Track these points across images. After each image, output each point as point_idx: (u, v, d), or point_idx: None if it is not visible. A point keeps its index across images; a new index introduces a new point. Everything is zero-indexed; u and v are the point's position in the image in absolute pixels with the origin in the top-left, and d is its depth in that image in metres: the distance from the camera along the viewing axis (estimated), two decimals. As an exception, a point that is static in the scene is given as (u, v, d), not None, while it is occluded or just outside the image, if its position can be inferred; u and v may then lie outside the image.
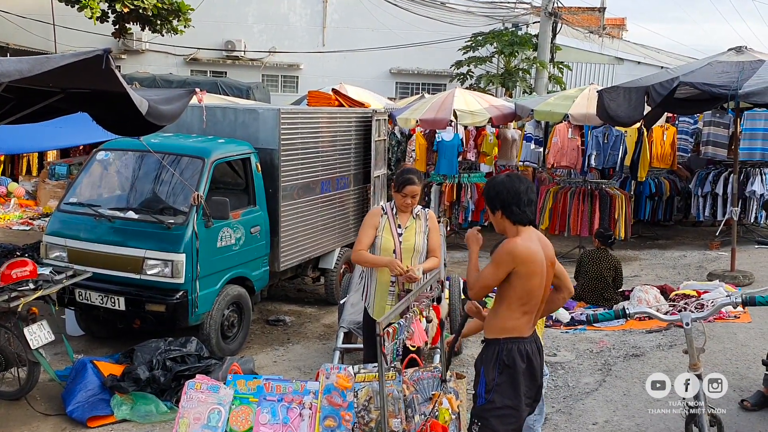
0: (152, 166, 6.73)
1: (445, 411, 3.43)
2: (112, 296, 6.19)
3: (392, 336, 3.00)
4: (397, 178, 4.83)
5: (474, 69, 20.98)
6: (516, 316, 3.48)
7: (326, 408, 4.46)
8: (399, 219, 4.79)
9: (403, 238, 4.75)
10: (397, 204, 4.80)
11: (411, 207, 4.79)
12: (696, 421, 3.34)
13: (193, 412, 4.63)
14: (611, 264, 8.47)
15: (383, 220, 4.78)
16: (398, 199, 4.78)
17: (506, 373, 3.46)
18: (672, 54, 25.62)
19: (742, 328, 7.08)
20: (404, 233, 4.76)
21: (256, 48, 24.46)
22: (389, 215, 4.80)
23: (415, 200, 4.79)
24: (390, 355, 3.04)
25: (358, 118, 8.87)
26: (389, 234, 4.74)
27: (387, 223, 4.76)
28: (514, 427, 3.52)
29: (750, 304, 3.73)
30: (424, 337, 3.42)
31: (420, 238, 4.77)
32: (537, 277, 3.47)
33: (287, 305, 8.67)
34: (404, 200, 4.74)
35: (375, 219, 4.81)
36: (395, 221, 4.78)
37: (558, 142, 11.62)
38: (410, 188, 4.71)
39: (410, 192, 4.72)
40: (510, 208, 3.48)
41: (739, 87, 7.91)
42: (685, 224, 13.89)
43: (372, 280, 4.82)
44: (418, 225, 4.81)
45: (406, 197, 4.73)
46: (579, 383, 5.76)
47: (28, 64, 3.73)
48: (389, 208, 4.84)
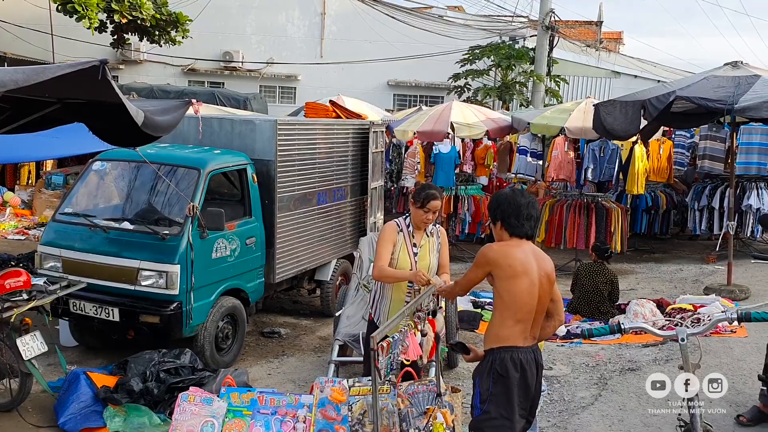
0: (148, 177, 6.71)
1: (439, 425, 3.41)
2: (107, 307, 6.16)
3: (386, 350, 2.98)
4: (419, 193, 4.73)
5: (471, 82, 21.08)
6: (509, 325, 3.52)
7: (320, 422, 4.45)
8: (415, 237, 4.72)
9: (419, 257, 4.69)
10: (416, 220, 4.70)
11: (429, 224, 4.72)
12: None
13: (186, 424, 4.62)
14: (607, 277, 8.46)
15: (400, 238, 4.69)
16: (418, 215, 4.67)
17: (500, 383, 3.48)
18: (668, 68, 25.75)
19: (739, 343, 7.07)
20: (419, 252, 4.70)
21: (254, 59, 24.52)
22: (405, 233, 4.71)
23: (435, 216, 4.72)
24: (384, 369, 3.01)
25: (355, 129, 8.87)
26: (405, 253, 4.67)
27: (403, 242, 4.68)
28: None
29: (746, 320, 3.72)
30: (418, 351, 3.41)
31: (433, 257, 4.73)
32: (521, 281, 3.50)
33: (282, 317, 8.64)
34: (425, 216, 4.65)
35: (393, 235, 4.70)
36: (411, 239, 4.70)
37: (558, 155, 11.66)
38: (434, 203, 4.63)
39: (433, 207, 4.64)
40: (509, 220, 3.59)
41: (736, 101, 7.93)
42: (682, 238, 13.89)
43: (385, 297, 4.75)
44: (432, 243, 4.75)
45: (428, 212, 4.64)
46: (575, 397, 5.73)
47: (24, 74, 3.73)
48: (405, 225, 4.74)
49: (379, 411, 2.75)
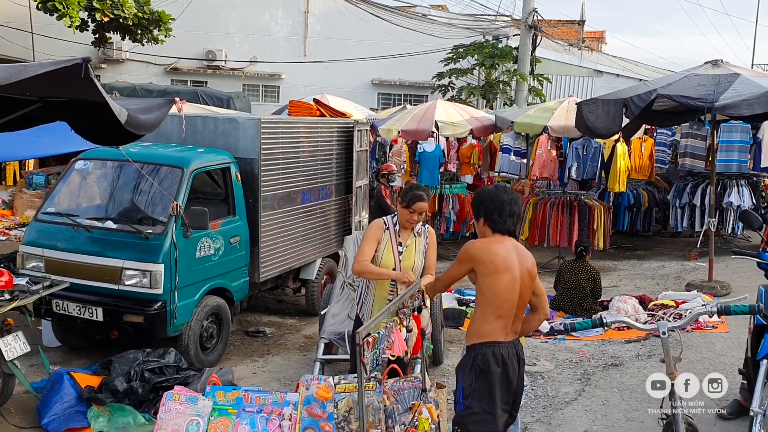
0: (131, 176, 6.67)
1: (424, 421, 3.43)
2: (90, 307, 6.11)
3: (372, 346, 3.00)
4: (406, 193, 4.74)
5: (455, 81, 21.14)
6: (490, 321, 3.56)
7: (306, 419, 4.44)
8: (401, 236, 4.72)
9: (403, 256, 4.69)
10: (402, 220, 4.71)
11: (416, 224, 4.72)
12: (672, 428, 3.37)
13: (171, 423, 4.59)
14: (590, 274, 8.54)
15: (385, 236, 4.69)
16: (404, 215, 4.68)
17: (482, 378, 3.52)
18: (650, 66, 25.97)
19: (720, 338, 7.16)
20: (404, 252, 4.70)
21: (237, 58, 24.42)
22: (391, 231, 4.71)
23: (422, 217, 4.73)
24: (369, 364, 3.03)
25: (339, 128, 8.87)
26: (390, 252, 4.67)
27: (389, 240, 4.68)
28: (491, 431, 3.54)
29: (725, 313, 3.78)
30: (403, 347, 3.43)
31: (419, 257, 4.73)
32: (502, 278, 3.54)
33: (267, 316, 8.62)
34: (411, 216, 4.66)
35: (378, 232, 4.70)
36: (397, 238, 4.70)
37: (543, 154, 11.74)
38: (420, 205, 4.64)
39: (419, 209, 4.65)
40: (492, 216, 3.62)
41: (716, 100, 8.03)
42: (664, 235, 14.03)
43: (369, 294, 4.77)
44: (418, 243, 4.75)
45: (414, 213, 4.65)
46: (558, 393, 5.78)
47: (6, 72, 3.69)
48: (391, 223, 4.74)
49: (364, 407, 2.77)
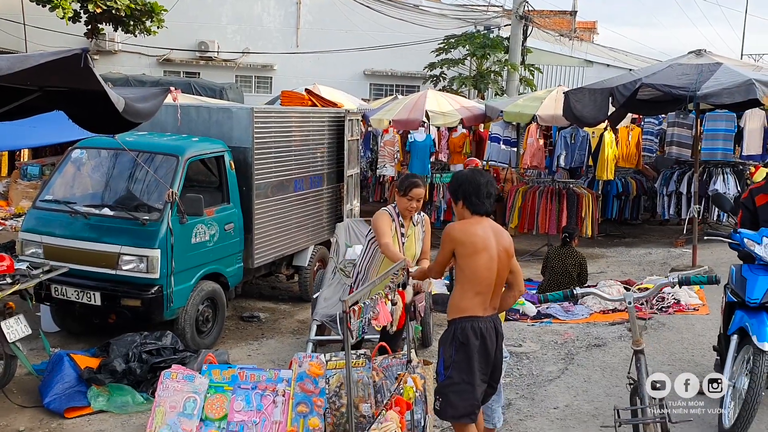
0: (127, 164, 6.82)
1: (409, 389, 3.63)
2: (88, 291, 6.28)
3: (358, 314, 3.21)
4: (402, 182, 4.92)
5: (447, 71, 21.28)
6: (469, 297, 3.76)
7: (299, 395, 4.64)
8: (404, 226, 4.92)
9: (406, 246, 4.91)
10: (401, 209, 4.90)
11: (414, 212, 4.90)
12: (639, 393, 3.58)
13: (169, 400, 4.78)
14: (576, 260, 8.75)
15: (393, 226, 4.89)
16: (402, 203, 4.87)
17: (462, 350, 3.73)
18: (640, 57, 26.17)
19: (701, 320, 7.38)
20: (407, 241, 4.92)
21: (229, 49, 24.49)
22: (396, 222, 4.91)
23: (419, 204, 4.91)
24: (356, 331, 3.24)
25: (331, 118, 9.03)
26: (396, 242, 4.87)
27: (395, 231, 4.89)
28: (470, 401, 3.79)
29: (686, 284, 4.00)
30: (388, 318, 3.63)
31: (418, 246, 4.95)
32: (480, 257, 3.74)
33: (261, 302, 8.81)
34: (409, 204, 4.85)
35: (390, 222, 4.89)
36: (400, 229, 4.90)
37: (533, 143, 11.93)
38: (417, 191, 4.83)
39: (416, 195, 4.84)
40: (470, 199, 3.81)
41: (698, 89, 8.22)
42: (652, 223, 14.23)
43: (368, 278, 4.98)
44: (417, 232, 4.96)
45: (412, 200, 4.84)
46: (543, 371, 5.98)
47: (8, 62, 3.85)
48: (395, 214, 4.94)
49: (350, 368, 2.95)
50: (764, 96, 8.08)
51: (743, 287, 4.71)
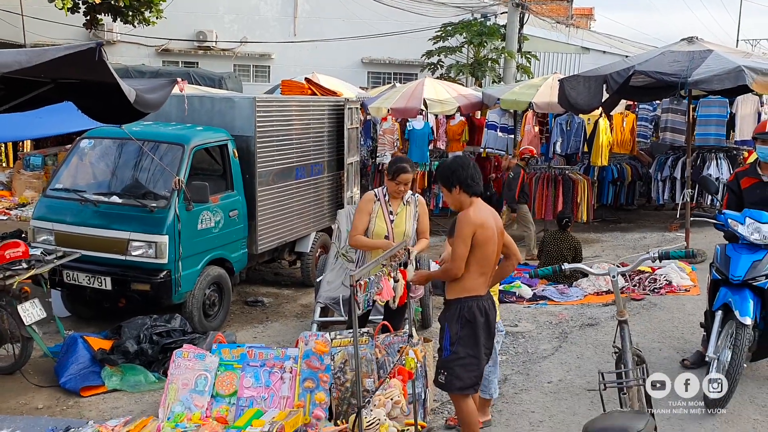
0: (134, 153, 7.02)
1: (411, 360, 3.86)
2: (99, 276, 6.51)
3: (364, 288, 3.43)
4: (390, 166, 5.16)
5: (444, 59, 21.41)
6: (474, 278, 3.98)
7: (305, 371, 4.87)
8: (391, 205, 5.14)
9: (395, 224, 5.11)
10: (390, 191, 5.13)
11: (403, 194, 5.13)
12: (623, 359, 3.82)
13: (181, 378, 5.01)
14: (571, 244, 8.99)
15: (376, 206, 5.12)
16: (391, 187, 5.10)
17: (467, 327, 3.96)
18: (636, 43, 26.29)
19: (691, 300, 7.62)
20: (396, 219, 5.12)
21: (227, 38, 24.58)
22: (382, 201, 5.14)
23: (407, 188, 5.13)
24: (362, 303, 3.47)
25: (330, 106, 9.22)
26: (382, 220, 5.09)
27: (380, 209, 5.11)
28: (475, 373, 4.04)
29: (666, 258, 4.23)
30: (391, 293, 3.86)
31: (410, 223, 5.14)
32: (491, 242, 3.98)
33: (265, 288, 9.03)
34: (397, 187, 5.07)
35: (369, 205, 5.14)
36: (387, 207, 5.12)
37: (531, 130, 12.13)
38: (404, 176, 5.05)
39: (403, 180, 5.06)
40: (466, 182, 4.01)
41: (689, 75, 8.41)
42: (648, 208, 14.43)
43: (365, 261, 5.18)
44: (408, 211, 5.16)
45: (399, 185, 5.06)
46: (537, 349, 6.23)
47: (27, 56, 4.04)
48: (381, 194, 5.17)
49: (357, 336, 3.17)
50: (753, 82, 8.27)
51: (727, 265, 4.95)
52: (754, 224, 4.98)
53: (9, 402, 5.35)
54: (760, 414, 4.83)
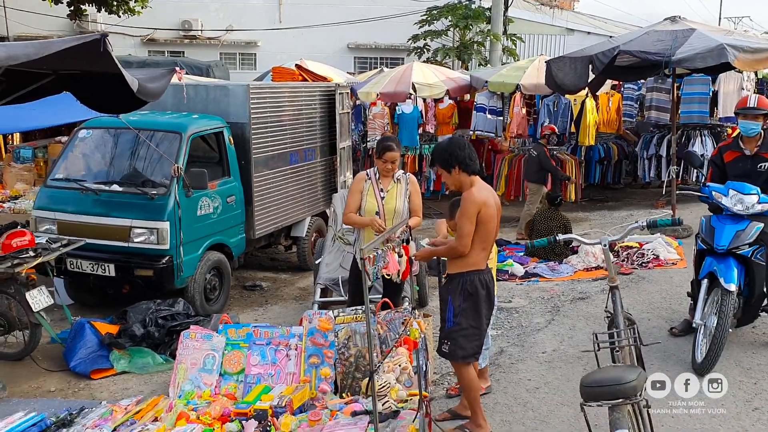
0: (132, 142, 7.13)
1: (415, 330, 4.05)
2: (103, 264, 6.64)
3: (372, 261, 3.63)
4: (378, 145, 5.40)
5: (430, 42, 21.51)
6: (476, 253, 4.17)
7: (310, 348, 5.06)
8: (381, 183, 5.36)
9: (385, 201, 5.32)
10: (379, 169, 5.36)
11: (392, 172, 5.35)
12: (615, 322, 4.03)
13: (189, 358, 5.19)
14: (561, 222, 9.19)
15: (367, 185, 5.36)
16: (379, 165, 5.34)
17: (470, 299, 4.17)
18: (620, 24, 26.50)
19: (678, 273, 7.86)
20: (386, 196, 5.33)
21: (212, 27, 24.54)
22: (372, 180, 5.37)
23: (395, 165, 5.35)
24: (372, 275, 3.66)
25: (322, 92, 9.34)
26: (373, 197, 5.32)
27: (371, 187, 5.35)
28: (477, 343, 4.26)
29: (653, 227, 4.45)
30: (396, 267, 4.07)
31: (400, 200, 5.34)
32: (492, 220, 4.18)
33: (262, 272, 9.20)
34: (385, 165, 5.30)
35: (360, 184, 5.39)
36: (378, 185, 5.35)
37: (520, 111, 12.30)
38: (389, 154, 5.27)
39: (389, 158, 5.28)
40: (465, 162, 4.19)
41: (672, 54, 8.61)
42: (634, 186, 14.65)
43: (361, 237, 5.44)
44: (399, 188, 5.37)
45: (386, 163, 5.29)
46: (531, 323, 6.44)
47: (34, 48, 4.16)
48: (373, 173, 5.40)
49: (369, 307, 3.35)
50: (735, 59, 8.48)
51: (712, 236, 5.18)
52: (737, 196, 5.21)
53: (22, 386, 5.50)
54: (745, 376, 5.07)
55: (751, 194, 5.19)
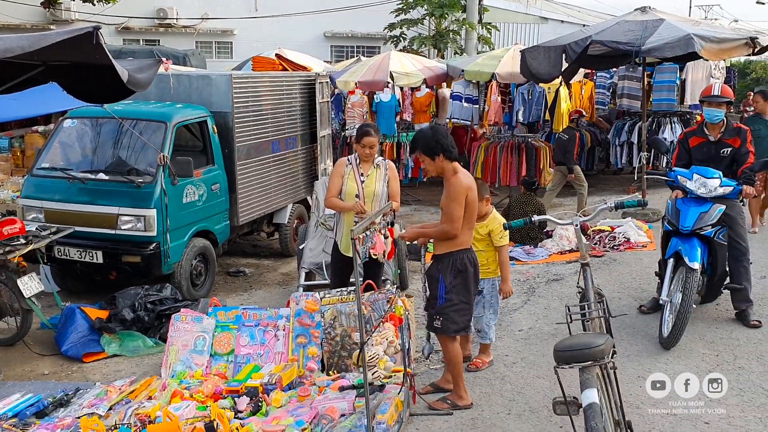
0: (117, 131, 7.25)
1: (399, 308, 4.30)
2: (91, 251, 6.78)
3: (362, 241, 3.85)
4: (357, 131, 5.64)
5: (406, 31, 21.68)
6: (464, 233, 4.46)
7: (298, 328, 5.28)
8: (362, 168, 5.60)
9: (365, 184, 5.56)
10: (360, 155, 5.60)
11: (371, 157, 5.59)
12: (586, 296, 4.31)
13: (180, 340, 5.38)
14: (536, 207, 9.46)
15: (348, 169, 5.61)
16: (359, 150, 5.59)
17: (460, 276, 4.45)
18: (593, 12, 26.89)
19: (648, 255, 8.19)
20: (366, 180, 5.58)
21: (188, 15, 24.46)
22: (353, 165, 5.61)
23: (374, 150, 5.59)
24: (361, 254, 3.89)
25: (302, 81, 9.50)
26: (353, 181, 5.57)
27: (352, 172, 5.59)
28: (468, 317, 4.59)
29: (620, 207, 4.78)
30: (383, 247, 4.31)
31: (380, 184, 5.59)
32: (476, 202, 4.49)
33: (245, 259, 9.37)
34: (363, 150, 5.55)
35: (341, 168, 5.63)
36: (358, 170, 5.59)
37: (497, 99, 12.55)
38: (367, 139, 5.52)
39: (368, 143, 5.52)
40: (448, 149, 4.43)
41: (642, 44, 8.90)
42: (607, 173, 15.03)
43: (341, 221, 5.67)
44: (378, 173, 5.62)
45: (365, 148, 5.53)
46: (508, 303, 6.69)
47: (29, 41, 4.28)
48: (353, 159, 5.65)
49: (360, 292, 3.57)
50: (702, 49, 8.80)
51: (677, 217, 5.49)
52: (701, 179, 5.52)
53: (15, 370, 5.65)
54: (708, 349, 5.39)
55: (713, 178, 5.51)
